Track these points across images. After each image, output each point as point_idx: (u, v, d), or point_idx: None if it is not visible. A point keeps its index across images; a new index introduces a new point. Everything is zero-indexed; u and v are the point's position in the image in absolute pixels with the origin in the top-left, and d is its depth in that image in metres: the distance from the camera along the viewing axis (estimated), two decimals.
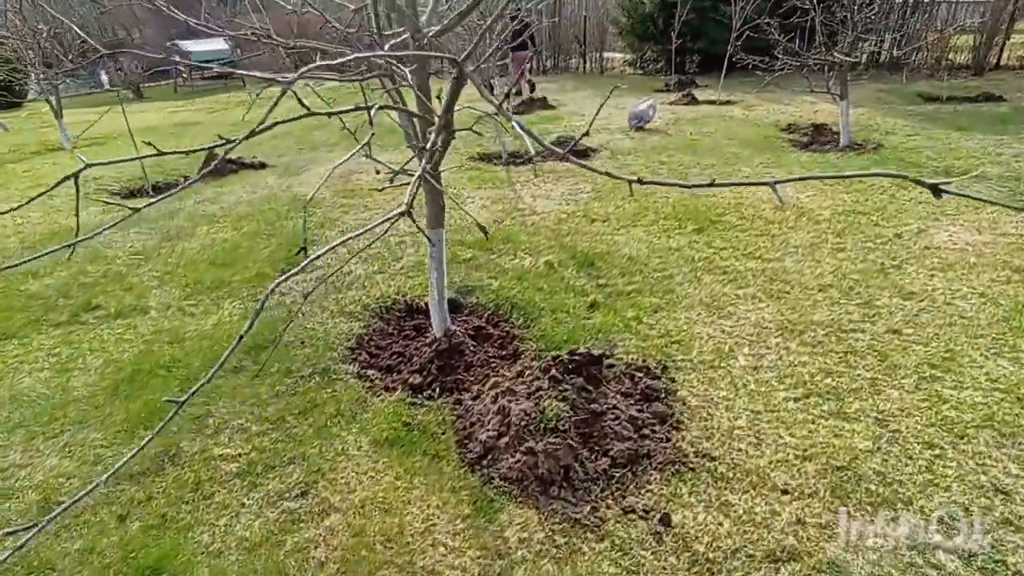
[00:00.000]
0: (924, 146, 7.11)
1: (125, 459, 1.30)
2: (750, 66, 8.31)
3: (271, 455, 2.51)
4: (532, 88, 14.08)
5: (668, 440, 2.45)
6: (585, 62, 20.88)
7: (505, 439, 2.38)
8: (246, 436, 2.63)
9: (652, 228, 4.78)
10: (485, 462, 2.37)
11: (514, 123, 1.60)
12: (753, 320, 3.39)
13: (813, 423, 2.56)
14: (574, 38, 21.05)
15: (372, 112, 1.73)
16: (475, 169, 6.79)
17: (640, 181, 1.34)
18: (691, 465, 2.34)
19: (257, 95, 4.14)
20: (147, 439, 1.22)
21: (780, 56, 7.79)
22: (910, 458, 2.35)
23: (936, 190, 1.07)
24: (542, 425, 2.34)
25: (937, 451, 2.38)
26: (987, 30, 12.48)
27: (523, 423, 2.36)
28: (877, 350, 3.06)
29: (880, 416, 2.58)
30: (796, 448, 2.41)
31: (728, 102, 11.21)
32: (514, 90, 13.18)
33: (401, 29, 2.64)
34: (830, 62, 7.15)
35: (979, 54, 12.56)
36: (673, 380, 2.86)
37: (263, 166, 7.76)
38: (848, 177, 1.47)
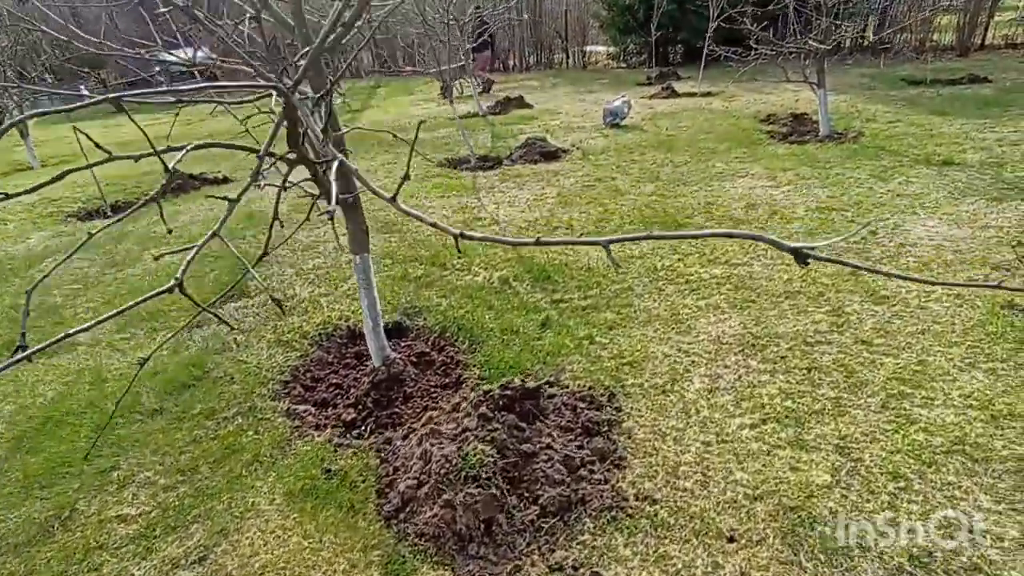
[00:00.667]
0: (905, 133, 6.88)
1: None
2: (721, 57, 8.09)
3: (175, 513, 2.28)
4: (488, 87, 13.86)
5: (607, 482, 2.23)
6: (568, 57, 20.65)
7: (425, 489, 2.16)
8: (152, 491, 2.40)
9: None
10: (403, 515, 2.15)
11: (463, 134, 1.36)
12: (713, 335, 3.16)
13: (768, 454, 2.33)
14: (556, 33, 20.81)
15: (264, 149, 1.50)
16: (442, 176, 6.56)
17: (462, 235, 1.12)
18: (629, 511, 2.12)
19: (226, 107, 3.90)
20: None
21: (754, 46, 7.56)
22: (872, 492, 2.13)
23: (799, 256, 0.84)
24: (463, 473, 2.12)
25: (902, 483, 2.16)
26: (970, 9, 12.22)
27: (444, 471, 2.14)
28: (844, 364, 2.84)
29: (842, 443, 2.36)
30: (747, 486, 2.19)
31: (708, 94, 10.98)
32: (479, 90, 12.92)
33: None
34: (804, 50, 6.91)
35: (963, 35, 12.31)
36: (619, 409, 2.63)
37: (226, 180, 7.52)
38: (697, 237, 1.24)
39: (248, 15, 2.32)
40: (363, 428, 2.83)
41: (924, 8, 13.10)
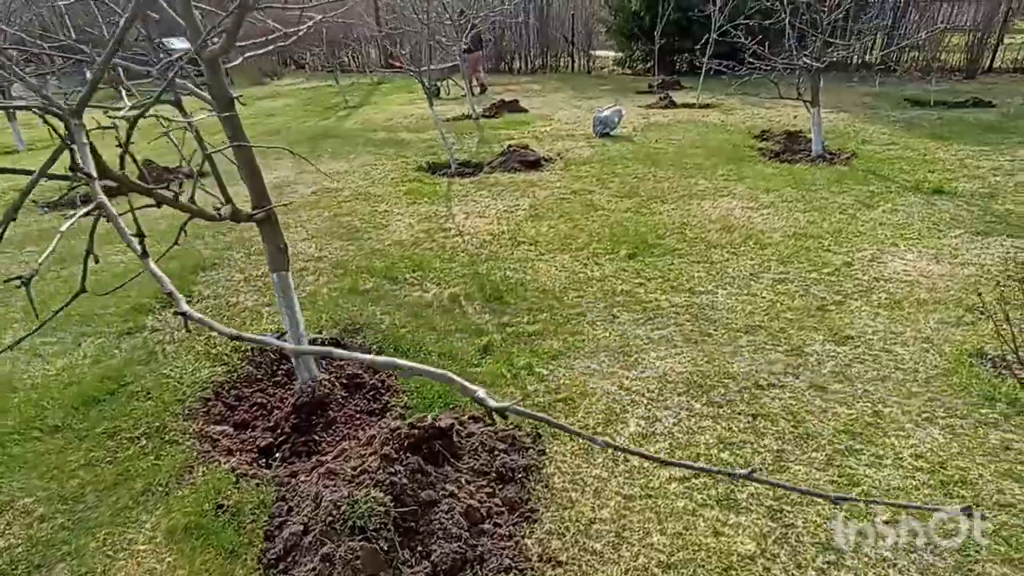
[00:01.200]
0: (899, 157, 6.66)
1: None
2: (711, 71, 7.88)
3: (43, 549, 2.11)
4: (483, 89, 13.68)
5: (511, 537, 2.04)
6: (573, 61, 20.45)
7: (309, 537, 1.98)
8: (27, 522, 2.23)
9: (581, 253, 4.36)
10: (283, 566, 1.97)
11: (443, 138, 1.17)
12: (660, 371, 2.97)
13: (693, 514, 2.14)
14: (562, 37, 20.62)
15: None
16: (417, 182, 6.38)
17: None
18: (529, 574, 1.93)
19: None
20: None
21: (749, 60, 7.35)
22: (798, 567, 1.93)
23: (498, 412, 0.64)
24: (350, 522, 1.93)
25: (832, 556, 1.96)
26: (980, 30, 11.96)
27: (330, 518, 1.96)
28: (793, 412, 2.64)
29: (776, 504, 2.17)
30: (663, 551, 1.99)
31: (707, 106, 10.76)
32: (476, 90, 12.78)
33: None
34: (796, 67, 6.71)
35: (972, 56, 12.05)
36: (543, 452, 2.44)
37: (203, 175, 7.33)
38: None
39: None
40: (275, 456, 2.65)
41: (933, 27, 12.84)
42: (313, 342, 3.25)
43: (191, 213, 1.90)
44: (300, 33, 2.69)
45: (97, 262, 1.52)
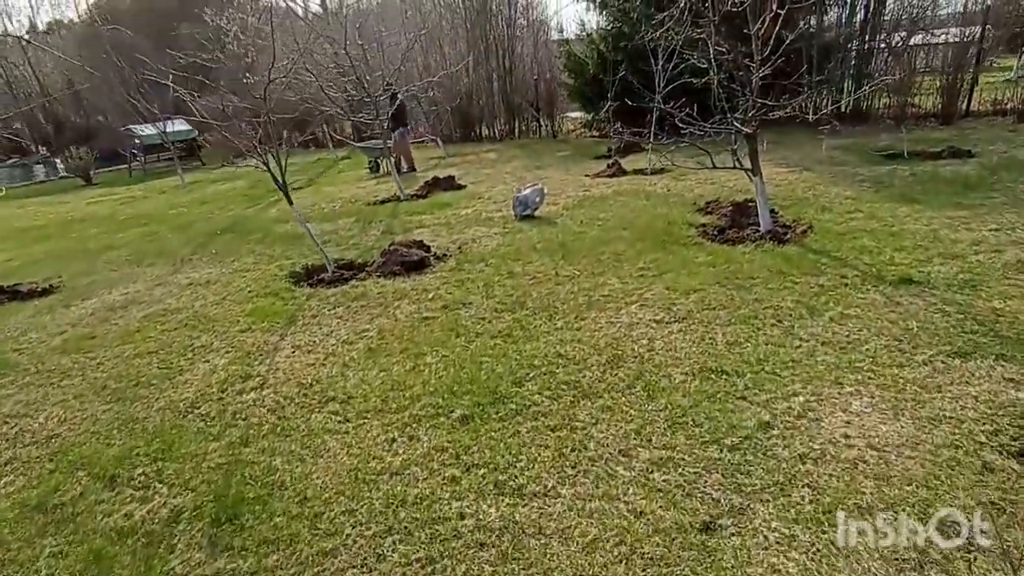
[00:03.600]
0: (862, 229, 5.51)
1: None
2: (659, 136, 6.86)
3: None
4: (411, 168, 12.70)
5: None
6: (540, 126, 19.89)
7: None
8: None
9: (400, 418, 3.13)
10: None
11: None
12: None
13: None
14: (527, 103, 20.15)
15: None
16: (272, 296, 5.24)
17: None
18: None
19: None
20: None
21: (679, 124, 6.33)
22: None
23: None
24: None
25: None
26: (953, 71, 11.07)
27: None
28: None
29: None
30: None
31: (661, 171, 9.77)
32: (403, 167, 11.86)
33: None
34: (723, 130, 5.68)
35: (946, 100, 11.12)
36: None
37: (47, 292, 6.27)
38: None
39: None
40: None
41: (903, 73, 11.98)
42: None
43: None
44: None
45: None
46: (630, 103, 11.14)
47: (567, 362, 3.50)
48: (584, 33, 16.57)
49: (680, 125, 6.12)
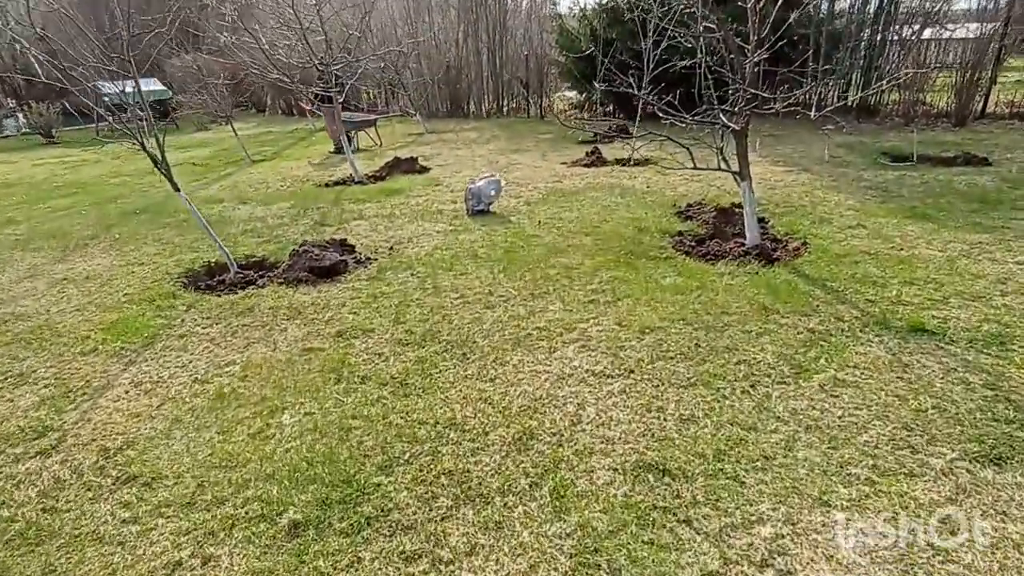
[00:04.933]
0: (866, 251, 4.61)
1: None
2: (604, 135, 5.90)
3: None
4: (337, 149, 11.31)
5: None
6: (528, 105, 18.78)
7: None
8: None
9: (205, 520, 2.22)
10: None
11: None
12: None
13: None
14: (517, 79, 19.00)
15: None
16: (145, 304, 4.29)
17: None
18: None
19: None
20: None
21: (660, 113, 5.36)
22: None
23: None
24: None
25: None
26: (969, 69, 10.07)
27: None
28: None
29: None
30: None
31: (645, 161, 8.81)
32: (352, 148, 10.60)
33: None
34: (709, 123, 4.74)
35: (961, 99, 10.13)
36: None
37: None
38: None
39: None
40: None
41: (916, 68, 10.96)
42: None
43: None
44: None
45: None
46: (610, 86, 10.13)
47: (461, 436, 2.59)
48: (577, 8, 15.43)
49: (660, 115, 5.16)
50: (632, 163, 8.78)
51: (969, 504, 2.11)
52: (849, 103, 11.79)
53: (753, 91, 4.40)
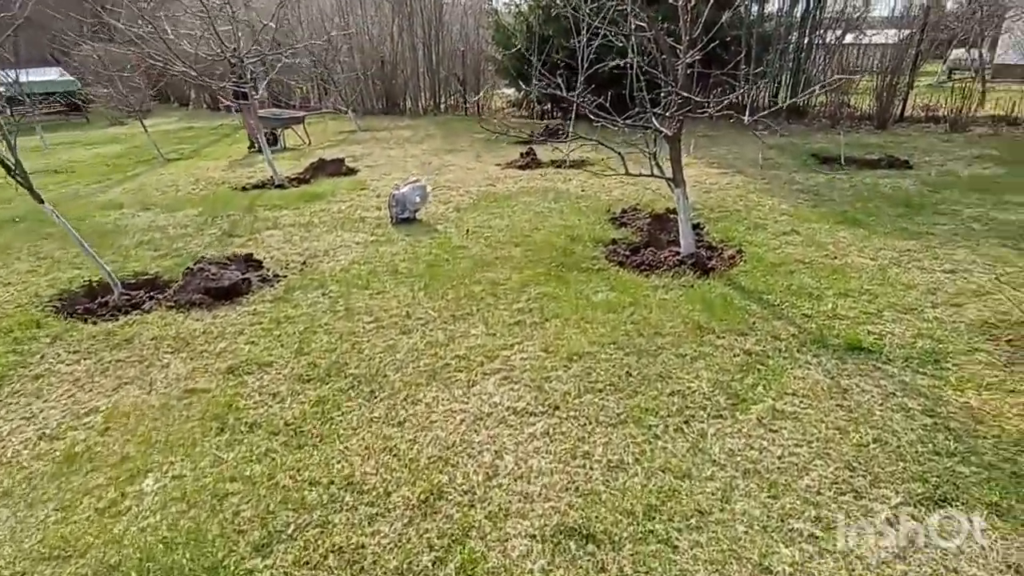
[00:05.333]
0: (800, 260, 4.49)
1: None
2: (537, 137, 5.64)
3: None
4: (252, 146, 10.70)
5: None
6: (466, 103, 18.34)
7: None
8: None
9: None
10: None
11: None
12: None
13: None
14: (454, 76, 18.52)
15: None
16: (4, 335, 3.67)
17: None
18: None
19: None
20: None
21: (591, 115, 5.10)
22: None
23: None
24: None
25: None
26: (888, 74, 10.38)
27: None
28: None
29: None
30: None
31: (581, 163, 8.58)
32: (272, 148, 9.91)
33: None
34: (640, 127, 4.52)
35: (882, 103, 10.43)
36: None
37: None
38: None
39: None
40: None
41: (840, 76, 11.23)
42: None
43: None
44: None
45: None
46: (545, 86, 9.89)
47: (359, 499, 2.22)
48: (513, 3, 15.10)
49: (592, 117, 4.91)
50: (567, 165, 8.54)
51: (916, 559, 1.91)
52: (780, 105, 11.98)
53: (686, 95, 4.19)
